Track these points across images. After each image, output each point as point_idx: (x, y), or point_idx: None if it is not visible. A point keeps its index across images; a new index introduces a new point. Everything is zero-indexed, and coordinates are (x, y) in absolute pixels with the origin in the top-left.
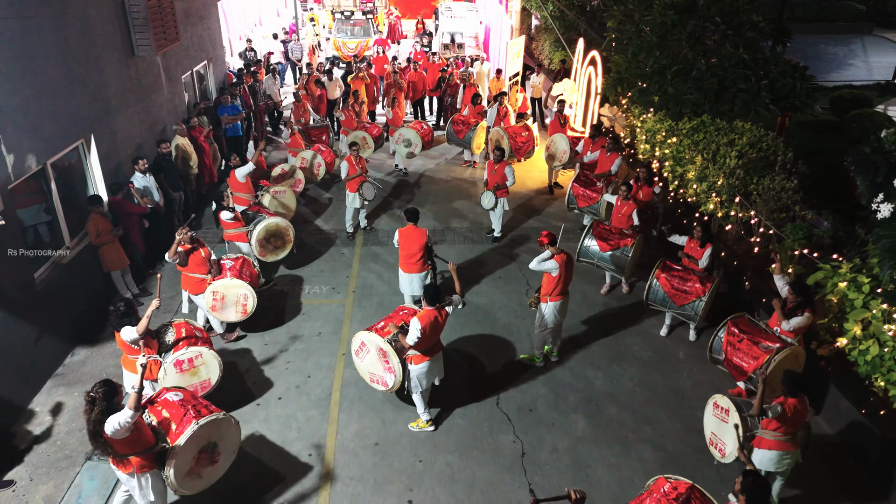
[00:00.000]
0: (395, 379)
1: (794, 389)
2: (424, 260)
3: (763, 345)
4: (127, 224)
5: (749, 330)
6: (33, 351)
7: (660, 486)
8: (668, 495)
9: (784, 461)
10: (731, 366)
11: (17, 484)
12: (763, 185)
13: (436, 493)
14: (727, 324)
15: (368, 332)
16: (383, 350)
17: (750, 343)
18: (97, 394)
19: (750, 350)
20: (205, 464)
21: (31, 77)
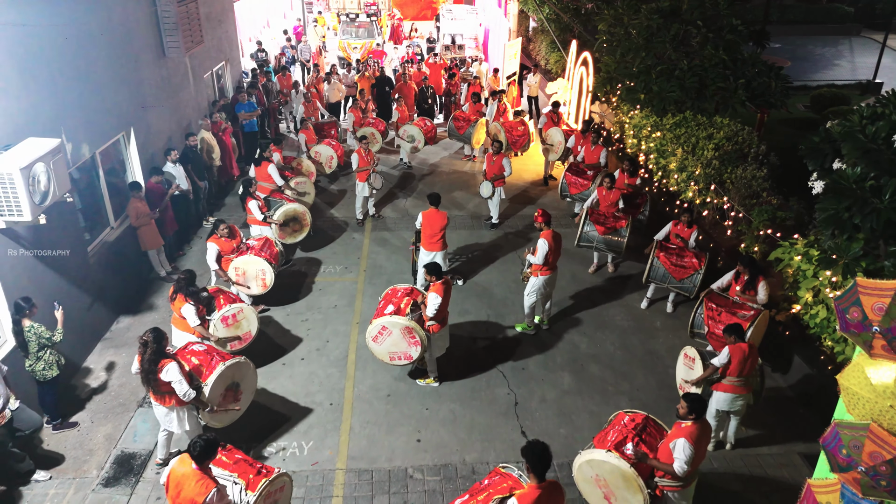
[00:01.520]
0: (419, 350)
1: (738, 334)
2: (444, 240)
3: (740, 314)
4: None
5: (722, 303)
6: (86, 316)
7: (620, 419)
8: (627, 426)
9: (737, 402)
10: (714, 338)
11: (80, 426)
12: (736, 175)
13: (441, 434)
14: (703, 300)
15: (388, 317)
16: (409, 327)
17: (729, 314)
18: (149, 338)
19: (730, 321)
20: (230, 400)
21: (85, 76)
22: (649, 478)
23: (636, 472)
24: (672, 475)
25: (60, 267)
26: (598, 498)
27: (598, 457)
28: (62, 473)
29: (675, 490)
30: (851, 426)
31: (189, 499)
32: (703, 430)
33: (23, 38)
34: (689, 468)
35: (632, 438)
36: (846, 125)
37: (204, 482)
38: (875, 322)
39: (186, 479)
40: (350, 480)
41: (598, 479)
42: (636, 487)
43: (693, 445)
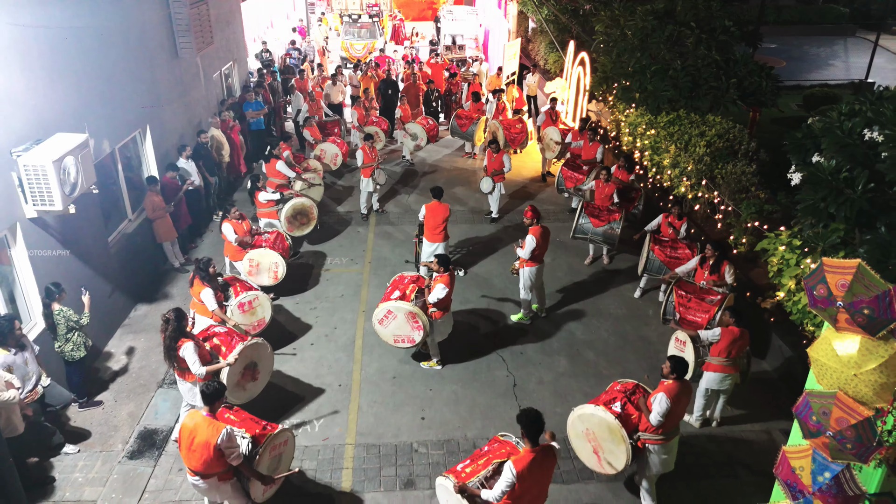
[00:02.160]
0: (422, 334)
1: (738, 319)
2: (446, 231)
3: (708, 299)
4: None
5: (691, 290)
6: (107, 303)
7: (613, 387)
8: (618, 390)
9: (725, 381)
10: (686, 322)
11: (105, 404)
12: (726, 170)
13: (444, 413)
14: (673, 288)
15: (393, 301)
16: (412, 312)
17: (698, 300)
18: (171, 316)
19: (699, 306)
20: (248, 379)
21: (105, 76)
22: (633, 432)
23: (620, 424)
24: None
25: (84, 256)
26: (588, 453)
27: (588, 410)
28: (90, 447)
29: (656, 443)
30: (821, 395)
31: (203, 442)
32: (683, 389)
33: (49, 40)
34: (663, 420)
35: (620, 399)
36: (826, 122)
37: (215, 425)
38: (839, 297)
39: (198, 426)
40: (359, 454)
41: (588, 433)
42: (620, 438)
43: (671, 400)
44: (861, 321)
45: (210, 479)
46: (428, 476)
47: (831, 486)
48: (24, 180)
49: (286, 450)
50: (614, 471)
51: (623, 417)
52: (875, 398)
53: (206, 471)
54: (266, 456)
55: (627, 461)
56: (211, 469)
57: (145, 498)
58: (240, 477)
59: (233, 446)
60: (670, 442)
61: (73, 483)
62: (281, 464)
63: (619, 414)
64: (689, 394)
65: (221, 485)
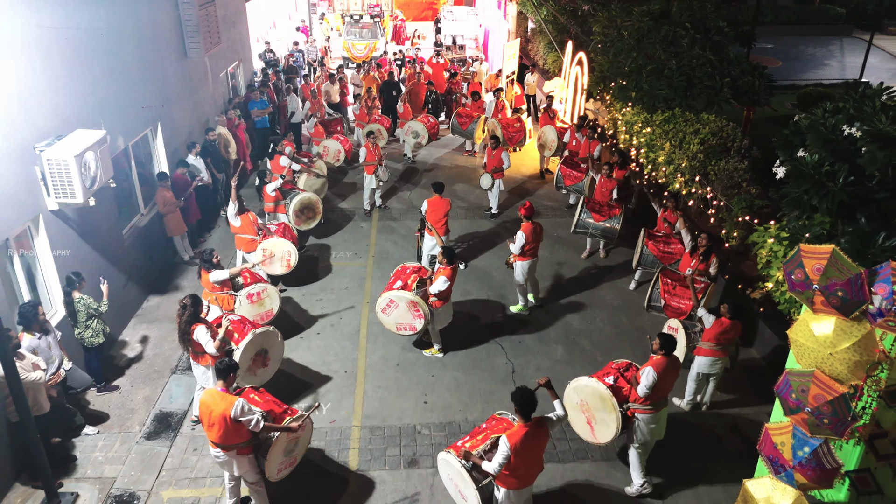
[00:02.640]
0: (423, 322)
1: (734, 314)
2: (447, 225)
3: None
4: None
5: (676, 278)
6: (122, 294)
7: (609, 365)
8: (613, 368)
9: (716, 365)
10: (671, 310)
11: (121, 389)
12: (719, 167)
13: (445, 398)
14: (659, 277)
15: (395, 291)
16: (413, 301)
17: (683, 288)
18: (187, 302)
19: (684, 293)
20: (259, 365)
21: (119, 75)
22: (623, 402)
23: (611, 394)
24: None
25: (101, 247)
26: (581, 424)
27: (582, 382)
28: (108, 429)
29: (645, 413)
30: (800, 373)
31: (220, 414)
32: (670, 364)
33: (69, 40)
34: (650, 391)
35: (614, 374)
36: (811, 119)
37: (228, 399)
38: (815, 281)
39: (214, 401)
40: (365, 435)
41: (582, 404)
42: (611, 407)
43: (658, 374)
44: (835, 303)
45: (230, 452)
46: (431, 456)
47: (810, 460)
48: (47, 174)
49: (304, 433)
50: (606, 440)
51: (614, 389)
52: (850, 376)
53: (226, 443)
54: (283, 438)
55: (618, 429)
56: (230, 441)
57: (162, 475)
58: (257, 454)
59: (248, 415)
60: (658, 412)
61: (93, 461)
62: (298, 446)
63: (611, 386)
64: (677, 369)
65: (240, 458)
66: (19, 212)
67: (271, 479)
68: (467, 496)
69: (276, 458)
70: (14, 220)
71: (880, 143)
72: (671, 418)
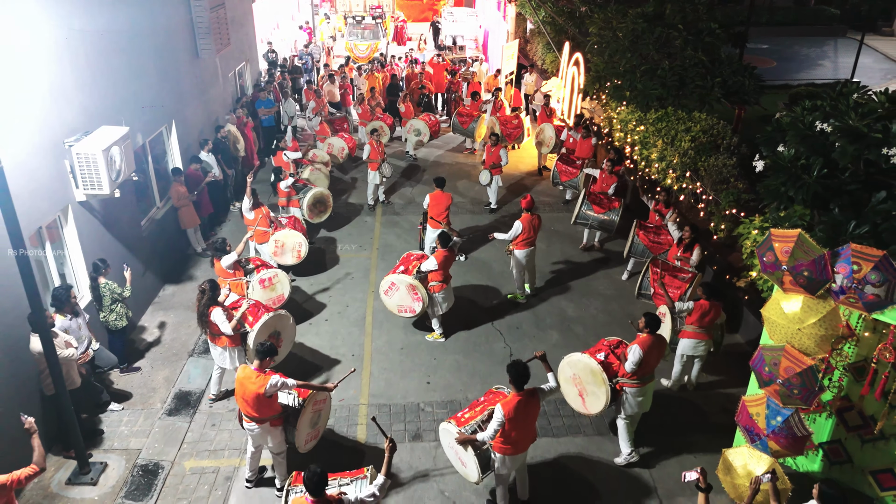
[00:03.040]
0: (422, 305)
1: (709, 294)
2: (448, 218)
3: (680, 276)
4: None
5: (665, 268)
6: (141, 282)
7: (601, 342)
8: (604, 345)
9: (699, 347)
10: (659, 297)
11: (142, 370)
12: (709, 163)
13: (447, 378)
14: (649, 266)
15: (397, 274)
16: (413, 285)
17: (671, 277)
18: (206, 287)
19: (672, 282)
20: None
21: (137, 75)
22: (613, 377)
23: (602, 369)
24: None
25: (122, 237)
26: (574, 395)
27: (575, 357)
28: (132, 406)
29: (632, 387)
30: (772, 348)
31: (253, 392)
32: (656, 342)
33: (93, 42)
34: (637, 367)
35: (605, 350)
36: (792, 116)
37: (262, 378)
38: (784, 262)
39: (248, 379)
40: (371, 413)
41: (575, 378)
42: (601, 380)
43: (644, 351)
44: (802, 282)
45: (263, 425)
46: (433, 430)
47: (783, 429)
48: (76, 167)
49: (324, 407)
50: (596, 411)
51: (605, 365)
52: (816, 349)
53: (260, 416)
54: (309, 410)
55: (607, 402)
56: (263, 414)
57: (184, 448)
58: (286, 426)
59: (282, 386)
60: (645, 386)
61: (119, 435)
62: (321, 419)
63: (602, 361)
64: (662, 346)
65: (272, 430)
66: (51, 202)
67: (300, 450)
68: (467, 462)
69: (303, 428)
70: (47, 210)
71: (850, 137)
72: (660, 397)
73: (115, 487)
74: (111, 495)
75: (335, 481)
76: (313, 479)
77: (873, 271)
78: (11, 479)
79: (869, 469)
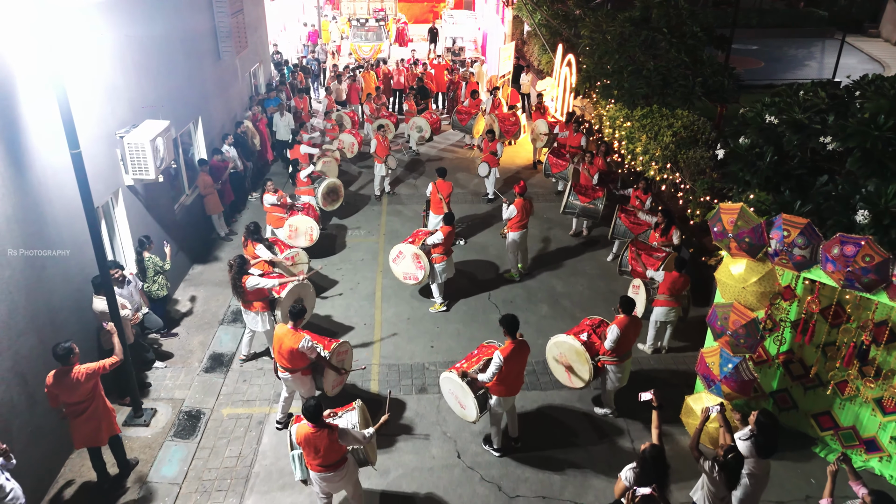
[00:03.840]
0: (424, 273)
1: (679, 266)
2: (449, 205)
3: (655, 255)
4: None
5: (642, 248)
6: (174, 260)
7: (583, 322)
8: (587, 324)
9: (670, 314)
10: (637, 273)
11: (180, 335)
12: (688, 156)
13: (449, 343)
14: (629, 246)
15: (404, 244)
16: (416, 254)
17: (647, 256)
18: (234, 262)
19: (647, 260)
20: None
21: (172, 75)
22: (595, 355)
23: (585, 349)
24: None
25: (160, 218)
26: (561, 371)
27: (561, 339)
28: (173, 364)
29: (612, 364)
30: (723, 305)
31: (288, 347)
32: (631, 323)
33: (138, 46)
34: (615, 345)
35: (587, 331)
36: (753, 112)
37: (296, 335)
38: (730, 231)
39: (285, 335)
40: (383, 371)
41: (561, 357)
42: (584, 359)
43: (621, 330)
44: (744, 247)
45: (295, 374)
46: (436, 386)
47: (733, 374)
48: (127, 155)
49: (347, 357)
50: (581, 385)
51: (588, 345)
52: (758, 304)
53: (293, 367)
54: (334, 359)
55: (590, 377)
56: (295, 365)
57: (220, 398)
58: (315, 374)
59: (311, 348)
60: (623, 363)
61: (165, 387)
62: (344, 365)
63: (585, 342)
64: (638, 326)
65: (303, 378)
66: (106, 185)
67: (329, 394)
68: (466, 404)
69: (330, 375)
70: (103, 192)
71: (794, 128)
72: (638, 359)
73: (165, 428)
74: (162, 434)
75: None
76: (310, 408)
77: (800, 236)
78: (100, 365)
79: (811, 413)
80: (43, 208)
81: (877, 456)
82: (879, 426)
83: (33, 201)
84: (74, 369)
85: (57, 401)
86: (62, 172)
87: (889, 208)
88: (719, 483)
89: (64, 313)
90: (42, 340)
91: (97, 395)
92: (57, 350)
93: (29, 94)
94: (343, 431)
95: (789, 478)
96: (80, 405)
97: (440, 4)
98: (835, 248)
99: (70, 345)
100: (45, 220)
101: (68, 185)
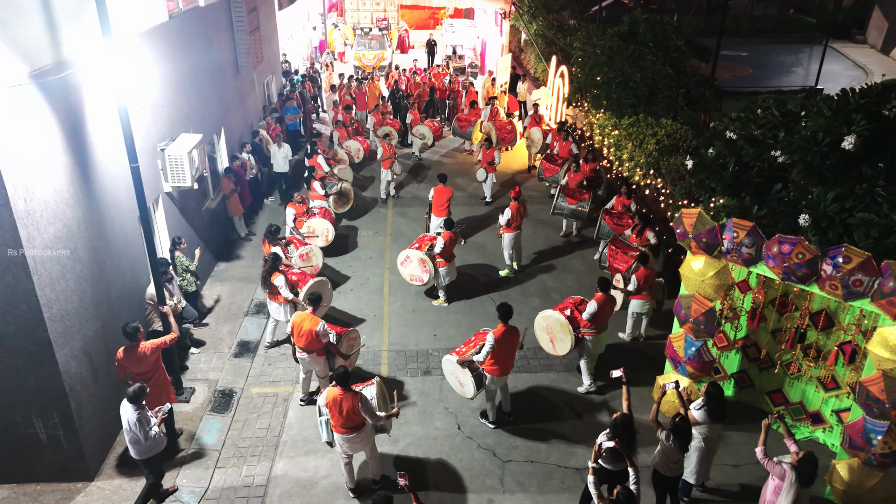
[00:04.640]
0: (429, 276)
1: (643, 263)
2: (450, 208)
3: (630, 253)
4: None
5: (620, 246)
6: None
7: (567, 300)
8: (570, 302)
9: (645, 306)
10: (613, 268)
11: (210, 325)
12: (669, 162)
13: (450, 332)
14: (608, 244)
15: (411, 249)
16: (423, 259)
17: (623, 254)
18: (269, 258)
19: (623, 258)
20: None
21: (198, 91)
22: (577, 328)
23: (568, 322)
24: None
25: (191, 221)
26: (546, 341)
27: (547, 313)
28: (206, 350)
29: (591, 336)
30: (686, 296)
31: (308, 330)
32: (608, 300)
33: (174, 68)
34: (592, 318)
35: (570, 307)
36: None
37: (314, 319)
38: (690, 232)
39: (304, 319)
40: (391, 356)
41: (547, 329)
42: (567, 331)
43: (599, 305)
44: (702, 246)
45: (312, 354)
46: (439, 368)
47: (695, 356)
48: (167, 165)
49: (355, 343)
50: (563, 352)
51: (570, 319)
52: (715, 295)
53: (310, 348)
54: (344, 344)
55: (572, 346)
56: (312, 346)
57: (249, 380)
58: (328, 356)
59: (326, 333)
60: (601, 335)
61: (200, 370)
62: (353, 350)
63: (569, 316)
64: (613, 303)
65: (319, 358)
66: (150, 192)
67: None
68: (465, 382)
69: (338, 360)
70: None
71: (750, 143)
72: (618, 346)
73: (203, 404)
74: (201, 409)
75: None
76: (341, 374)
77: (747, 237)
78: (162, 341)
79: (765, 390)
80: (103, 212)
81: (821, 427)
82: (822, 401)
83: (97, 206)
84: (141, 345)
85: (125, 372)
86: (116, 180)
87: (827, 213)
88: (672, 448)
89: (119, 302)
90: (104, 325)
91: (160, 366)
92: (126, 329)
93: (93, 114)
94: (365, 399)
95: (744, 445)
96: (146, 374)
97: (440, 11)
98: (774, 247)
99: (137, 324)
100: (105, 222)
101: (121, 192)
